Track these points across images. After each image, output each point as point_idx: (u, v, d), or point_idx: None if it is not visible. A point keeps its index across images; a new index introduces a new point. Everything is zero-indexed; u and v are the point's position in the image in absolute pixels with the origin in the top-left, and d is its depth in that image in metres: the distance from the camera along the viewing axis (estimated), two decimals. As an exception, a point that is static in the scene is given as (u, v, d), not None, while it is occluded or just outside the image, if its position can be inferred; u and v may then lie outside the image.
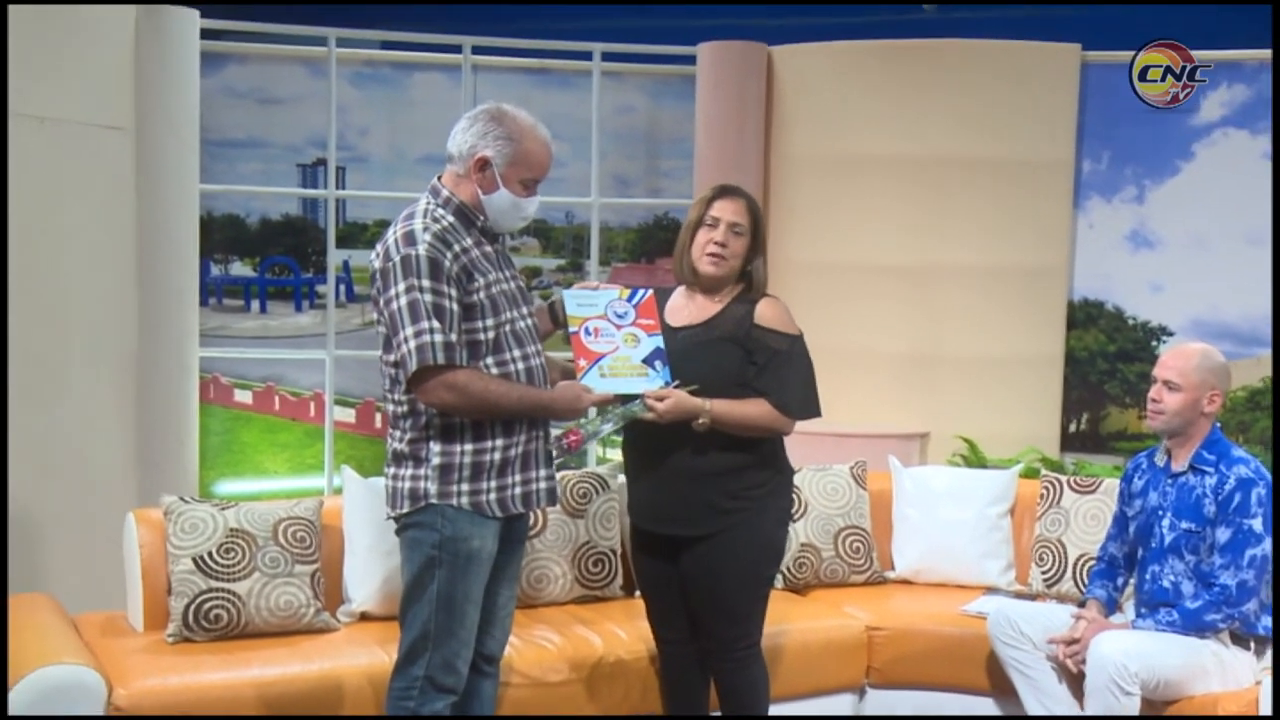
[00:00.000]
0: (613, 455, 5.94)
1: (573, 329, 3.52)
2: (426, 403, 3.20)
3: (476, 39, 6.24)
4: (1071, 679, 3.97)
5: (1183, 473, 3.96)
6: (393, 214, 3.38)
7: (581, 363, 3.48)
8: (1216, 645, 3.84)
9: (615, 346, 3.51)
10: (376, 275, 3.24)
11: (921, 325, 6.28)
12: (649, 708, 4.10)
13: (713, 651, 3.70)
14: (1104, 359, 6.26)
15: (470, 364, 3.21)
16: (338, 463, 5.93)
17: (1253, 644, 3.87)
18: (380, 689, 3.50)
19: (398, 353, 3.18)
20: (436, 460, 3.23)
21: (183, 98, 5.59)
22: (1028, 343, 6.23)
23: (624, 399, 3.46)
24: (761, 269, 3.67)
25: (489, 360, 3.25)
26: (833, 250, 6.35)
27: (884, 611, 4.57)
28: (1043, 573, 4.71)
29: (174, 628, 3.91)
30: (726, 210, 3.62)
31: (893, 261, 6.28)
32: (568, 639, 4.12)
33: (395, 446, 3.30)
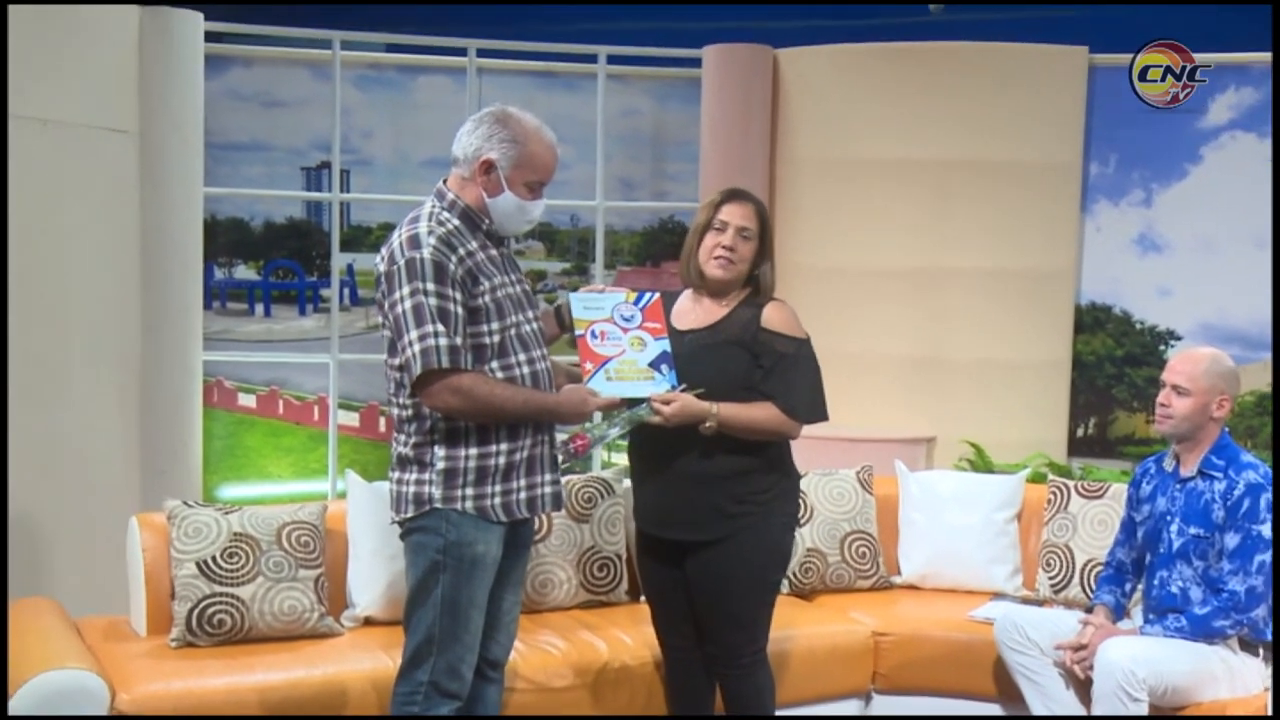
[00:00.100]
0: (618, 459, 5.92)
1: (579, 332, 3.50)
2: (431, 407, 3.18)
3: (481, 42, 6.23)
4: (1079, 685, 3.95)
5: (1191, 478, 3.94)
6: (397, 217, 3.37)
7: (588, 366, 3.47)
8: (1225, 651, 3.82)
9: (621, 350, 3.49)
10: (381, 279, 3.24)
11: (928, 329, 6.26)
12: (654, 713, 4.07)
13: (718, 657, 3.68)
14: (1111, 363, 6.24)
15: (475, 368, 3.20)
16: (341, 467, 5.93)
17: (1261, 650, 3.85)
18: (384, 694, 3.48)
19: (402, 356, 3.17)
20: (441, 465, 3.22)
21: (187, 100, 5.58)
22: (1035, 347, 6.22)
23: (630, 403, 3.44)
24: (769, 274, 3.65)
25: (494, 364, 3.24)
26: (839, 254, 6.33)
27: (890, 617, 4.55)
28: (1050, 578, 4.69)
29: (177, 632, 3.90)
30: (735, 214, 3.60)
31: (899, 265, 6.27)
32: (573, 644, 4.11)
33: (400, 450, 3.28)
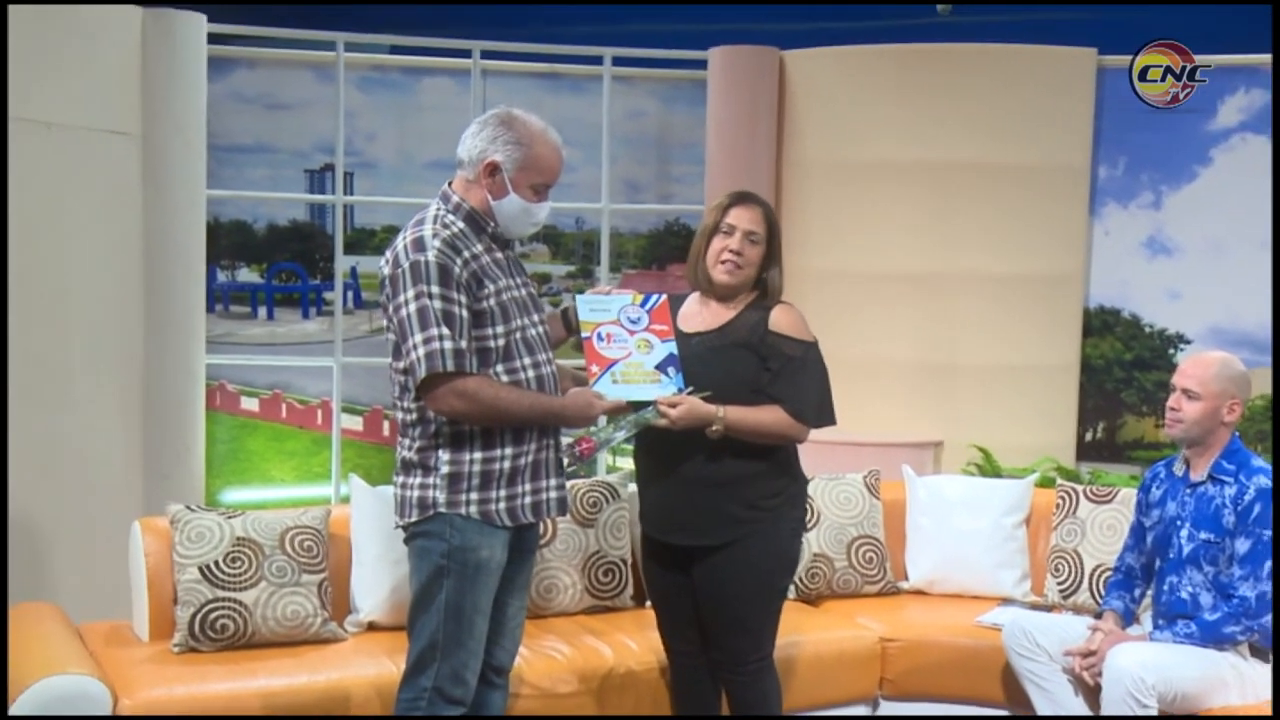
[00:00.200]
0: (624, 463, 5.90)
1: (585, 334, 3.48)
2: (436, 410, 3.17)
3: (486, 43, 6.21)
4: (1088, 691, 3.92)
5: (1201, 482, 3.92)
6: (401, 220, 3.35)
7: (594, 369, 3.45)
8: (1235, 658, 3.79)
9: (628, 352, 3.47)
10: (385, 282, 3.22)
11: (936, 333, 6.23)
12: (660, 720, 4.06)
13: (724, 663, 3.66)
14: (1120, 367, 6.21)
15: (480, 371, 3.18)
16: (345, 471, 5.91)
17: (1272, 656, 3.82)
18: (388, 700, 3.48)
19: (407, 360, 3.15)
20: (445, 469, 3.20)
21: (190, 103, 5.57)
22: (1043, 350, 6.19)
23: (637, 405, 3.42)
24: (777, 277, 3.64)
25: (499, 367, 3.22)
26: (845, 257, 6.31)
27: (897, 622, 4.53)
28: (1058, 584, 4.66)
29: (180, 637, 3.89)
30: (743, 218, 3.58)
31: (906, 268, 6.24)
32: (578, 650, 4.09)
33: (404, 455, 3.27)
